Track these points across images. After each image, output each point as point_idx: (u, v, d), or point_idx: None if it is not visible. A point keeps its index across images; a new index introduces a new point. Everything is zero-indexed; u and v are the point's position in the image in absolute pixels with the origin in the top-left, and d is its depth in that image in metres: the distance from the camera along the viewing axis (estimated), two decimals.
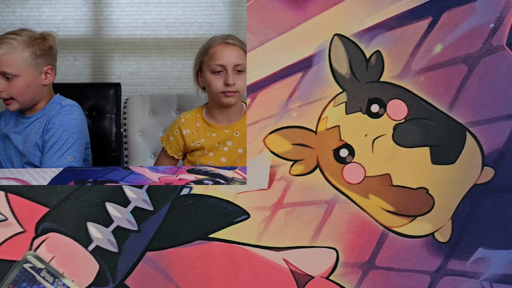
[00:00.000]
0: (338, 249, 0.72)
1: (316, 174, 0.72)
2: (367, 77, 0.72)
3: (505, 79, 0.72)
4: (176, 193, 0.72)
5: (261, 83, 0.73)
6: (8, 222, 0.71)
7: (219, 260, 0.71)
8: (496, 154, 0.72)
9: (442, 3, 0.72)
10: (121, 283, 0.71)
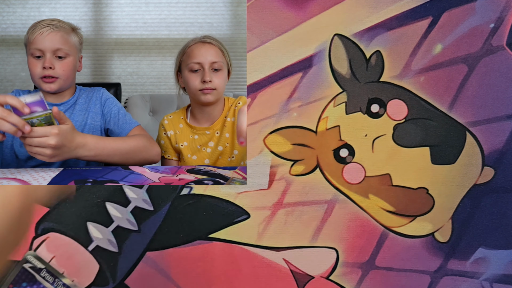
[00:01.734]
0: (338, 249, 0.72)
1: (316, 174, 0.72)
2: (367, 77, 0.72)
3: (505, 79, 0.72)
4: (176, 193, 0.72)
5: (261, 83, 0.73)
6: None
7: (219, 260, 0.71)
8: (496, 154, 0.72)
9: (442, 3, 0.72)
10: (121, 283, 0.71)
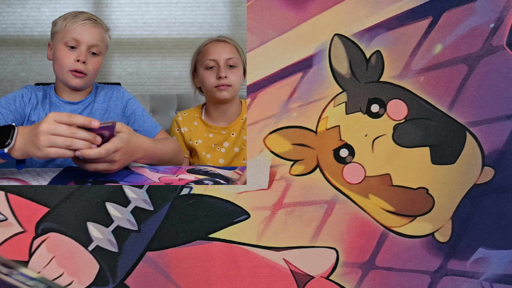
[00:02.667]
0: (338, 249, 0.72)
1: (316, 174, 0.72)
2: (367, 77, 0.72)
3: (505, 79, 0.72)
4: (176, 193, 0.72)
5: (261, 83, 0.73)
6: (8, 222, 0.71)
7: (219, 260, 0.71)
8: (496, 154, 0.72)
9: (442, 3, 0.72)
10: (121, 283, 0.71)
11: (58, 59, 1.11)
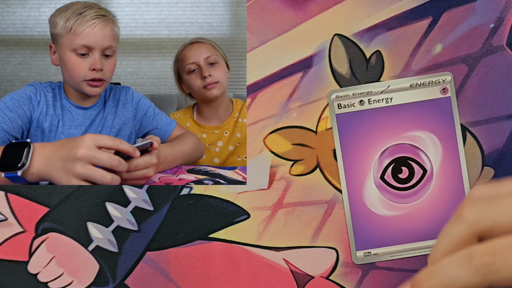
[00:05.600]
0: (338, 249, 0.72)
1: (316, 174, 0.72)
2: (367, 77, 0.72)
3: (505, 79, 0.72)
4: (176, 193, 0.72)
5: (261, 83, 0.73)
6: (8, 222, 0.72)
7: (219, 260, 0.71)
8: (496, 154, 0.72)
9: (442, 3, 0.72)
10: (121, 283, 0.72)
11: (69, 69, 0.96)
